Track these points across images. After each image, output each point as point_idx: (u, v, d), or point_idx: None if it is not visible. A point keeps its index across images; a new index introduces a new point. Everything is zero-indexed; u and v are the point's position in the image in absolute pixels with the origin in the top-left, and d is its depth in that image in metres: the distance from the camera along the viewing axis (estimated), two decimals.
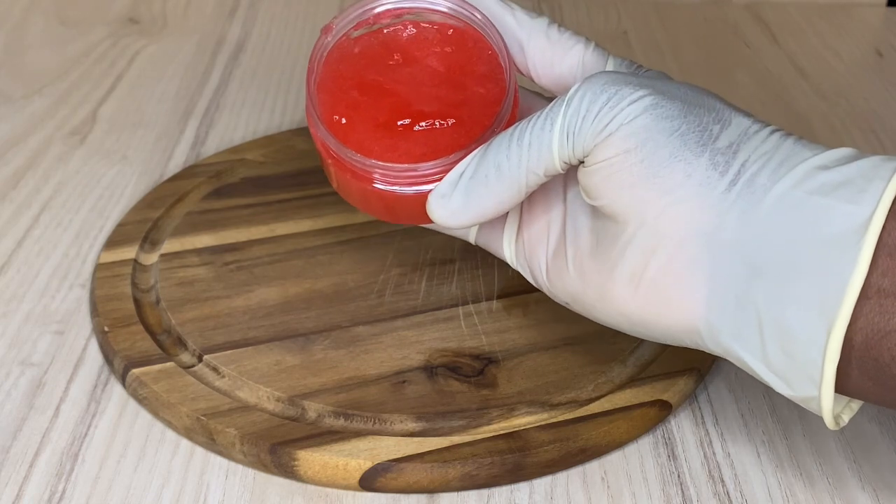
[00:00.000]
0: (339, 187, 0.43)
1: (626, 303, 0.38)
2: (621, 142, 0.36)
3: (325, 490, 0.41)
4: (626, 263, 0.37)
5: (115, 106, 0.67)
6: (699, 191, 0.35)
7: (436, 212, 0.39)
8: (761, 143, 0.36)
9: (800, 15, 0.82)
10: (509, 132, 0.38)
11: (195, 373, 0.44)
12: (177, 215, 0.55)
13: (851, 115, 0.68)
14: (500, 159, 0.38)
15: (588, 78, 0.38)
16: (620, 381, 0.44)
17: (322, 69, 0.42)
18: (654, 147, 0.36)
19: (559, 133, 0.37)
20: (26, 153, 0.62)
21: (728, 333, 0.36)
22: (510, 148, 0.38)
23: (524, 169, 0.38)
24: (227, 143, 0.63)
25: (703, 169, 0.35)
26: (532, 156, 0.38)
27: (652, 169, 0.36)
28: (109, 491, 0.40)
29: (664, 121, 0.36)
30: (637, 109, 0.36)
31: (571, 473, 0.42)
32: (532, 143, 0.37)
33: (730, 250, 0.35)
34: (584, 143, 0.37)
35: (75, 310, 0.50)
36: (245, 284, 0.50)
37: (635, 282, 0.37)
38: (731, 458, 0.42)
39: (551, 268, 0.41)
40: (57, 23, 0.78)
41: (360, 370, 0.45)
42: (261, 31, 0.78)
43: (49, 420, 0.44)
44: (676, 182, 0.35)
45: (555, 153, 0.37)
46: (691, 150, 0.36)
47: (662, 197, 0.36)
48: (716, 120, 0.36)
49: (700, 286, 0.36)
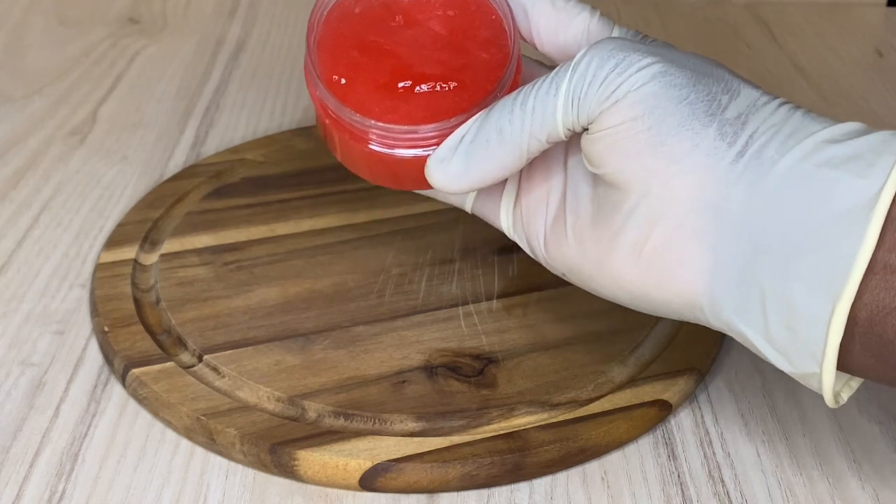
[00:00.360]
0: (336, 149, 0.42)
1: (626, 274, 0.37)
2: (628, 109, 0.35)
3: (325, 490, 0.41)
4: (627, 233, 0.36)
5: (115, 106, 0.67)
6: (706, 161, 0.35)
7: (434, 175, 0.39)
8: (770, 114, 0.35)
9: (800, 15, 0.82)
10: (512, 96, 0.38)
11: (195, 373, 0.44)
12: (177, 215, 0.55)
13: (851, 115, 0.68)
14: (502, 123, 0.37)
15: (595, 44, 0.37)
16: (620, 381, 0.44)
17: (322, 28, 0.41)
18: (662, 115, 0.35)
19: (564, 98, 0.36)
20: (26, 153, 0.62)
21: (730, 308, 0.35)
22: (513, 112, 0.37)
23: (527, 134, 0.37)
24: (227, 143, 0.63)
25: (710, 139, 0.35)
26: (535, 121, 0.37)
27: (659, 137, 0.35)
28: (109, 491, 0.40)
29: (673, 89, 0.35)
30: (645, 76, 0.35)
31: (571, 473, 0.42)
32: (536, 107, 0.37)
33: (735, 223, 0.34)
34: (589, 108, 0.36)
35: (75, 310, 0.50)
36: (245, 284, 0.50)
37: (637, 252, 0.36)
38: (731, 458, 0.42)
39: (549, 237, 0.40)
40: (57, 23, 0.78)
41: (360, 370, 0.45)
42: (261, 31, 0.78)
43: (49, 420, 0.44)
44: (684, 151, 0.35)
45: (559, 119, 0.37)
46: (699, 120, 0.35)
47: (669, 166, 0.35)
48: (724, 90, 0.36)
49: (704, 259, 0.35)
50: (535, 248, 0.41)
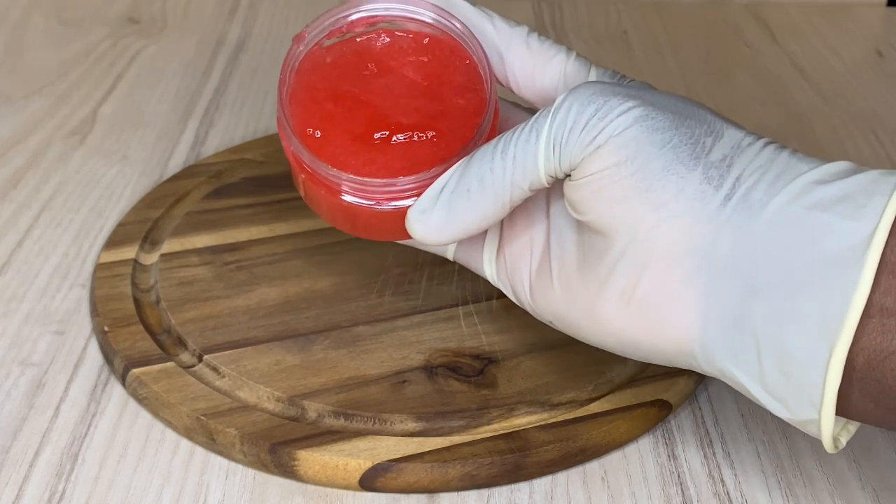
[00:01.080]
0: (312, 202, 0.42)
1: (615, 321, 0.37)
2: (611, 154, 0.35)
3: (325, 490, 0.41)
4: (615, 280, 0.36)
5: (115, 106, 0.67)
6: (693, 205, 0.34)
7: (415, 227, 0.38)
8: (755, 155, 0.35)
9: (800, 15, 0.82)
10: (493, 144, 0.37)
11: (195, 373, 0.44)
12: (177, 215, 0.55)
13: (851, 115, 0.68)
14: (483, 172, 0.37)
15: (574, 88, 0.37)
16: (620, 381, 0.44)
17: (294, 80, 0.41)
18: (646, 160, 0.35)
19: (545, 146, 0.36)
20: (26, 153, 0.62)
21: (724, 354, 0.35)
22: (494, 161, 0.37)
23: (508, 183, 0.37)
24: (227, 143, 0.63)
25: (696, 183, 0.34)
26: (517, 169, 0.36)
27: (644, 182, 0.35)
28: (109, 491, 0.40)
29: (655, 133, 0.35)
30: (627, 121, 0.35)
31: (571, 473, 0.42)
32: (517, 156, 0.36)
33: (726, 267, 0.34)
34: (571, 155, 0.36)
35: (75, 310, 0.50)
36: (245, 284, 0.50)
37: (625, 299, 0.36)
38: (731, 458, 0.42)
39: (535, 285, 0.40)
40: (57, 23, 0.78)
41: (360, 370, 0.45)
42: (261, 31, 0.78)
43: (49, 420, 0.44)
44: (669, 196, 0.34)
45: (540, 166, 0.36)
46: (684, 164, 0.35)
47: (655, 211, 0.35)
48: (708, 132, 0.35)
49: (694, 305, 0.35)
50: (521, 296, 0.41)
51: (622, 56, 0.75)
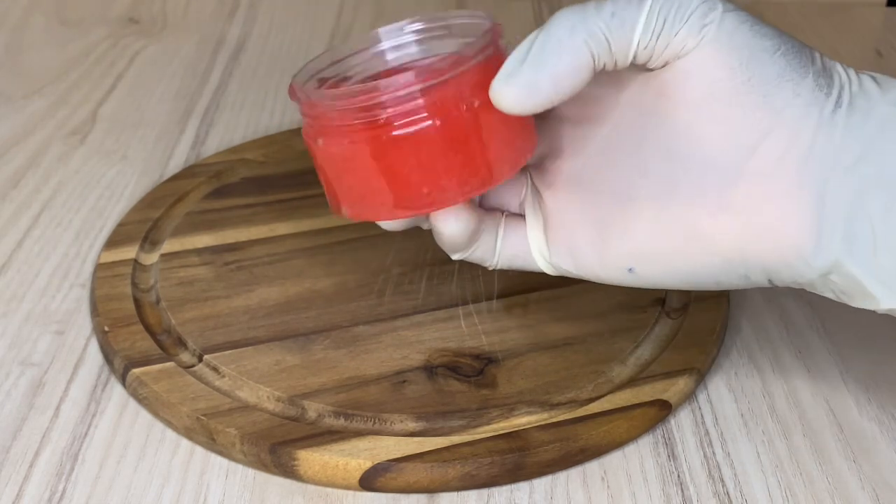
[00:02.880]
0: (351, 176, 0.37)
1: (722, 238, 0.36)
2: (724, 55, 0.35)
3: (325, 490, 0.41)
4: (727, 191, 0.35)
5: (115, 106, 0.67)
6: (809, 111, 0.35)
7: (503, 93, 0.34)
8: (843, 69, 0.36)
9: (800, 15, 0.82)
10: (582, 3, 0.35)
11: (195, 373, 0.44)
12: (177, 215, 0.55)
13: None
14: (573, 21, 0.34)
15: None
16: (620, 381, 0.44)
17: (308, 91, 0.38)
18: (761, 66, 0.35)
19: (648, 14, 0.34)
20: (26, 153, 0.62)
21: (838, 249, 0.35)
22: (587, 10, 0.34)
23: (602, 36, 0.34)
24: (227, 143, 0.63)
25: (809, 89, 0.35)
26: (613, 26, 0.34)
27: (761, 87, 0.35)
28: (109, 491, 0.40)
29: (764, 38, 0.35)
30: (735, 20, 0.35)
31: (571, 473, 0.42)
32: (616, 12, 0.34)
33: (842, 168, 0.35)
34: (673, 35, 0.34)
35: (75, 310, 0.50)
36: (245, 284, 0.50)
37: (737, 210, 0.35)
38: (731, 458, 0.42)
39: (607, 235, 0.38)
40: (57, 23, 0.78)
41: (360, 370, 0.45)
42: (261, 31, 0.78)
43: (49, 420, 0.44)
44: (785, 102, 0.35)
45: (637, 33, 0.34)
46: (797, 71, 0.35)
47: (772, 117, 0.35)
48: (803, 45, 0.36)
49: (811, 205, 0.35)
50: (586, 265, 0.39)
51: None
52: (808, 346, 0.48)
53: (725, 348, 0.48)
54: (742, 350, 0.48)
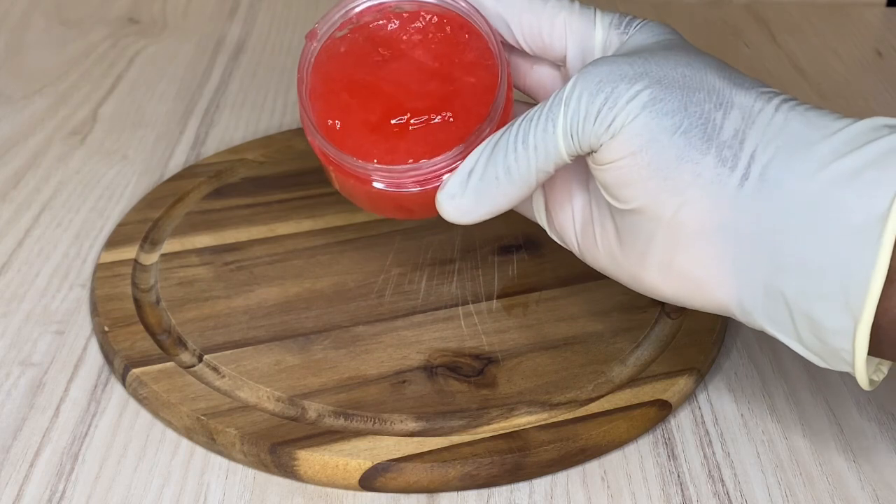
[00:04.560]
0: (344, 191, 0.43)
1: (658, 287, 0.38)
2: (626, 144, 0.36)
3: (325, 490, 0.41)
4: (652, 255, 0.37)
5: (116, 106, 0.67)
6: (711, 190, 0.35)
7: (447, 211, 0.39)
8: (767, 124, 0.35)
9: (800, 15, 0.82)
10: (513, 131, 0.38)
11: (195, 373, 0.44)
12: (177, 215, 0.55)
13: (851, 115, 0.68)
14: (508, 162, 0.38)
15: (582, 72, 0.37)
16: (620, 381, 0.44)
17: (311, 75, 0.41)
18: (659, 149, 0.36)
19: (562, 134, 0.37)
20: (26, 153, 0.62)
21: (761, 317, 0.36)
22: (517, 151, 0.38)
23: (533, 169, 0.38)
24: (227, 143, 0.63)
25: (711, 167, 0.35)
26: (539, 157, 0.38)
27: (661, 172, 0.36)
28: (110, 491, 0.40)
29: (665, 118, 0.36)
30: (636, 108, 0.36)
31: (571, 473, 0.42)
32: (538, 145, 0.38)
33: (752, 243, 0.35)
34: (589, 142, 0.37)
35: (75, 310, 0.50)
36: (245, 284, 0.50)
37: (664, 271, 0.38)
38: (731, 458, 0.42)
39: (582, 244, 0.41)
40: (57, 23, 0.78)
41: (360, 370, 0.45)
42: (261, 31, 0.78)
43: (49, 420, 0.44)
44: (687, 182, 0.36)
45: (562, 151, 0.38)
46: (697, 149, 0.35)
47: (675, 196, 0.36)
48: (717, 105, 0.36)
49: (727, 278, 0.36)
50: (573, 249, 0.43)
51: None
52: None
53: (725, 348, 0.48)
54: (742, 350, 0.48)
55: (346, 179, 0.41)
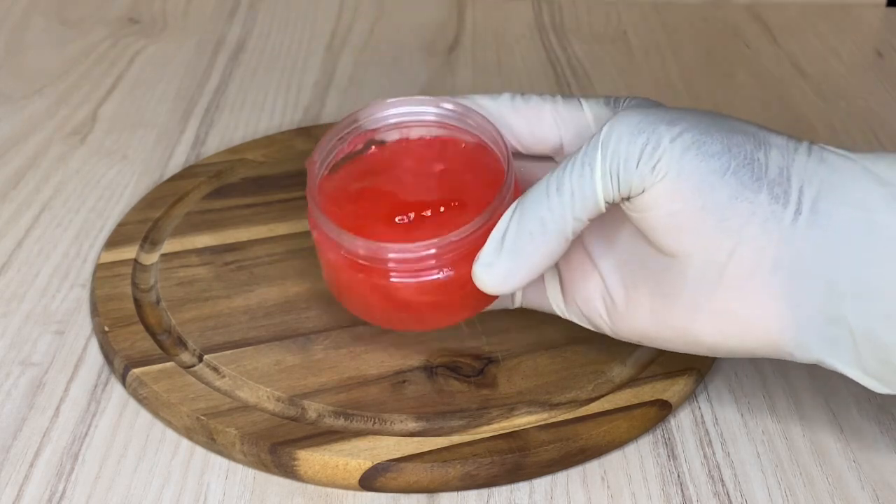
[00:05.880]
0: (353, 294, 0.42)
1: (709, 337, 0.38)
2: (676, 188, 0.36)
3: (325, 490, 0.41)
4: (705, 302, 0.37)
5: (116, 106, 0.67)
6: (767, 227, 0.36)
7: (485, 281, 0.38)
8: (806, 162, 0.36)
9: (800, 15, 0.82)
10: (544, 185, 0.38)
11: (195, 372, 0.44)
12: (177, 215, 0.55)
13: (851, 116, 0.68)
14: (541, 213, 0.37)
15: (617, 118, 0.37)
16: (620, 381, 0.45)
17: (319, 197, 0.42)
18: (711, 190, 0.36)
19: (601, 178, 0.37)
20: (26, 153, 0.62)
21: (820, 349, 0.36)
22: (550, 200, 0.37)
23: (570, 218, 0.37)
24: (227, 143, 0.63)
25: (765, 204, 0.36)
26: (576, 203, 0.37)
27: (716, 213, 0.36)
28: (110, 491, 0.40)
29: (711, 159, 0.36)
30: (680, 149, 0.36)
31: (571, 473, 0.42)
32: (574, 191, 0.37)
33: (810, 277, 0.36)
34: (631, 185, 0.37)
35: (75, 310, 0.50)
36: (245, 284, 0.50)
37: (718, 317, 0.37)
38: (731, 458, 0.42)
39: (613, 314, 0.41)
40: (57, 23, 0.78)
41: (360, 370, 0.45)
42: (261, 31, 0.78)
43: (49, 420, 0.44)
44: (742, 221, 0.36)
45: (599, 197, 0.37)
46: (749, 188, 0.36)
47: (731, 237, 0.36)
48: (756, 146, 0.36)
49: (785, 313, 0.36)
50: (600, 325, 0.42)
51: (622, 56, 0.75)
52: None
53: None
54: None
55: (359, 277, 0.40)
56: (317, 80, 0.71)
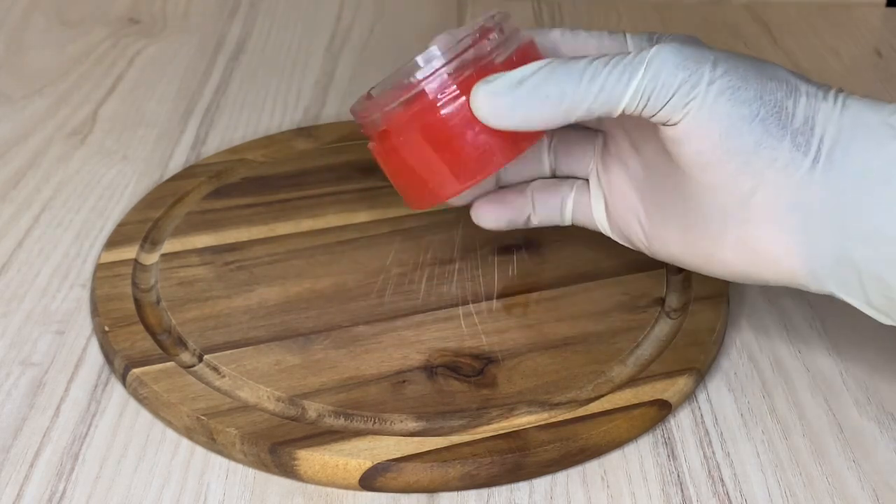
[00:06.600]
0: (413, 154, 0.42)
1: (732, 263, 0.41)
2: (707, 127, 0.38)
3: (326, 490, 0.41)
4: (727, 233, 0.40)
5: (116, 106, 0.67)
6: (787, 171, 0.38)
7: (480, 105, 0.40)
8: (831, 111, 0.38)
9: (799, 15, 0.82)
10: (582, 66, 0.39)
11: (195, 372, 0.44)
12: (177, 215, 0.55)
13: None
14: (566, 88, 0.39)
15: (668, 45, 0.38)
16: (620, 381, 0.45)
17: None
18: (739, 135, 0.38)
19: (634, 92, 0.38)
20: (27, 153, 0.62)
21: (831, 284, 0.39)
22: (580, 84, 0.38)
23: (586, 107, 0.39)
24: (227, 143, 0.63)
25: (787, 151, 0.38)
26: (599, 100, 0.39)
27: (741, 156, 0.38)
28: (110, 490, 0.40)
29: (743, 105, 0.38)
30: (716, 91, 0.38)
31: (571, 473, 0.42)
32: (604, 88, 0.38)
33: (823, 219, 0.38)
34: (660, 110, 0.38)
35: (76, 309, 0.50)
36: (245, 284, 0.50)
37: (737, 247, 0.40)
38: (731, 458, 0.42)
39: (650, 236, 0.44)
40: (57, 23, 0.78)
41: (360, 370, 0.45)
42: (261, 31, 0.78)
43: (49, 420, 0.44)
44: (764, 165, 0.38)
45: (623, 106, 0.39)
46: (773, 136, 0.38)
47: (754, 178, 0.38)
48: (788, 93, 0.38)
49: (801, 251, 0.39)
50: (638, 245, 0.45)
51: None
52: (808, 345, 0.48)
53: (725, 348, 0.48)
54: (742, 350, 0.48)
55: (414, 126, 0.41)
56: (317, 80, 0.71)
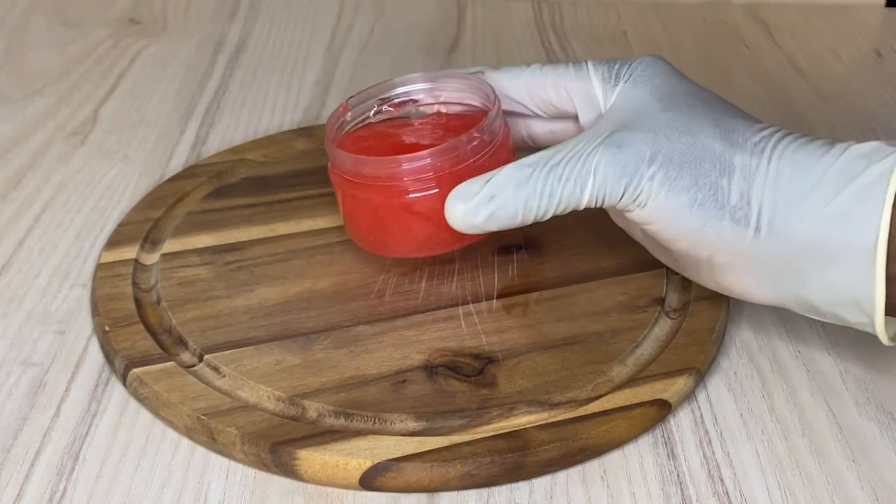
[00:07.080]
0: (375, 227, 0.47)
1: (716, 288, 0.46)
2: (656, 215, 0.43)
3: (326, 489, 0.41)
4: (703, 275, 0.45)
5: (116, 106, 0.67)
6: (733, 243, 0.42)
7: (455, 215, 0.44)
8: (764, 180, 0.42)
9: (799, 15, 0.82)
10: (542, 176, 0.43)
11: (196, 372, 0.45)
12: (177, 215, 0.55)
13: (850, 115, 0.68)
14: (530, 203, 0.43)
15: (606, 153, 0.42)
16: (620, 381, 0.45)
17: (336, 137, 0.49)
18: (684, 220, 0.42)
19: (588, 197, 0.43)
20: (27, 153, 0.62)
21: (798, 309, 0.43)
22: (541, 198, 0.43)
23: (550, 213, 0.43)
24: (227, 143, 0.63)
25: (728, 228, 0.42)
26: (560, 206, 0.43)
27: (689, 239, 0.43)
28: (110, 490, 0.41)
29: (682, 194, 0.42)
30: (657, 185, 0.42)
31: (571, 473, 0.42)
32: (562, 200, 0.43)
33: (777, 272, 0.42)
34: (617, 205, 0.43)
35: (76, 309, 0.50)
36: (245, 284, 0.50)
37: (716, 285, 0.45)
38: (731, 458, 0.42)
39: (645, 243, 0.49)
40: (58, 23, 0.78)
41: (360, 370, 0.45)
42: (261, 31, 0.78)
43: (50, 419, 0.44)
44: (712, 240, 0.43)
45: (581, 206, 0.43)
46: (713, 216, 0.42)
47: (708, 248, 0.43)
48: (721, 172, 0.42)
49: (765, 292, 0.43)
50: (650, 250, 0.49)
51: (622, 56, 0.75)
52: (807, 345, 0.48)
53: (725, 348, 0.48)
54: (742, 350, 0.48)
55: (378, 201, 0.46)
56: (317, 80, 0.71)
